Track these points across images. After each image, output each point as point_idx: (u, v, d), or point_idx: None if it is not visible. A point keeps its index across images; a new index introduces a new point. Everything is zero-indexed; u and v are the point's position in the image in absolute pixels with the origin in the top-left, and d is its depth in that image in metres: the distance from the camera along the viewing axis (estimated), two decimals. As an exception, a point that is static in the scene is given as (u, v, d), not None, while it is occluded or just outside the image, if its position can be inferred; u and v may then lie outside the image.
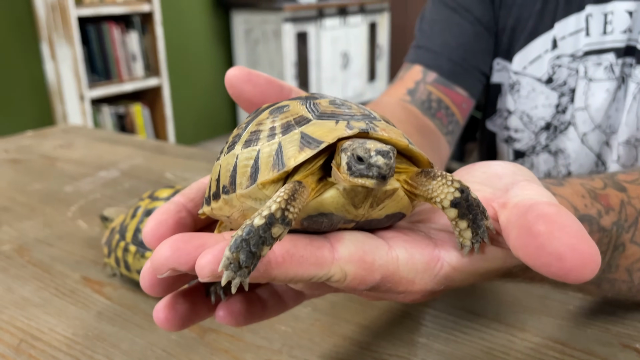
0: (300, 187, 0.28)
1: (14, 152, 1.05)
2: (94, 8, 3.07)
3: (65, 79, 3.12)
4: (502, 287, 0.56)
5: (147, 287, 0.34)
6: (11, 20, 3.05)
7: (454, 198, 0.29)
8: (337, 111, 0.32)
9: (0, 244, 0.68)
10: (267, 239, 0.26)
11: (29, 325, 0.52)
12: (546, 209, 0.27)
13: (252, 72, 0.39)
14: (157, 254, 0.28)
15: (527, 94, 0.79)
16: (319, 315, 0.52)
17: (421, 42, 0.82)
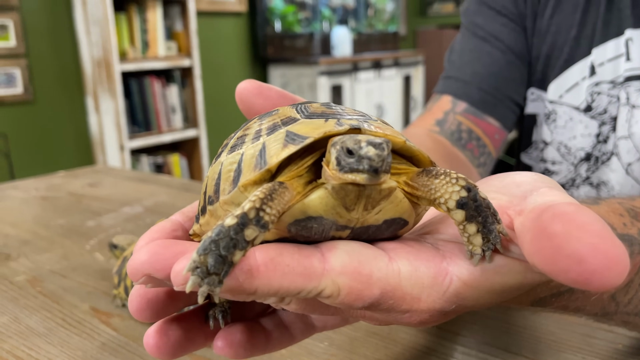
0: (281, 187, 0.25)
1: (43, 190, 1.06)
2: (137, 63, 3.18)
3: (107, 130, 3.21)
4: (539, 323, 0.51)
5: (134, 310, 0.30)
6: (60, 75, 3.19)
7: (459, 198, 0.26)
8: (328, 111, 0.29)
9: (15, 275, 0.66)
10: (239, 242, 0.23)
11: (29, 355, 0.49)
12: (564, 207, 0.23)
13: (263, 85, 0.37)
14: (134, 259, 0.26)
15: (564, 124, 0.74)
16: (336, 351, 0.48)
17: (450, 73, 0.79)
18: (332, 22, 4.57)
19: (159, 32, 3.30)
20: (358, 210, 0.26)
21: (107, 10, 2.96)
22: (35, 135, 3.13)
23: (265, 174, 0.26)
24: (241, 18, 4.01)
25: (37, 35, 3.08)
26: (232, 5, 3.89)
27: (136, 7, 3.19)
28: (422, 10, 5.58)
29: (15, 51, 2.99)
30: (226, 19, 3.92)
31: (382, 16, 5.04)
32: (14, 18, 2.96)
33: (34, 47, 3.07)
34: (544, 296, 0.37)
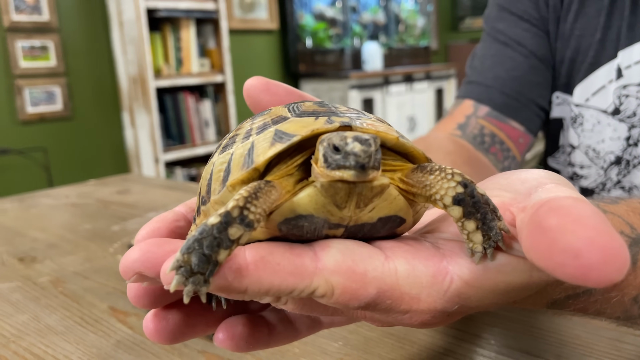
0: (267, 186, 0.25)
1: (73, 197, 1.08)
2: (172, 79, 3.25)
3: (142, 143, 3.28)
4: (565, 327, 0.48)
5: (132, 296, 0.30)
6: (97, 92, 3.28)
7: (455, 194, 0.25)
8: (320, 109, 0.29)
9: (39, 276, 0.67)
10: (223, 240, 0.22)
11: (45, 352, 0.50)
12: (562, 201, 0.22)
13: (270, 82, 0.37)
14: (126, 256, 0.25)
15: (591, 127, 0.72)
16: (350, 351, 0.47)
17: (472, 78, 0.78)
18: (362, 37, 4.59)
19: (193, 50, 3.37)
20: (350, 208, 0.25)
21: (143, 30, 3.04)
22: (73, 150, 3.22)
23: (252, 172, 0.26)
24: (273, 35, 4.07)
25: (76, 55, 3.18)
26: (264, 23, 3.94)
27: (170, 26, 3.26)
28: (453, 25, 5.55)
29: (55, 70, 3.09)
30: (258, 36, 3.98)
31: (413, 31, 5.03)
32: (54, 39, 3.07)
33: (73, 66, 3.17)
34: (560, 298, 0.35)
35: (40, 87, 3.06)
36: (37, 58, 3.04)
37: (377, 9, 4.72)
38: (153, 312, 0.31)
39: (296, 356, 0.46)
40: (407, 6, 4.97)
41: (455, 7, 5.53)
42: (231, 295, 0.25)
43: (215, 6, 3.33)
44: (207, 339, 0.50)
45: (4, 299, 0.61)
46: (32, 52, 3.01)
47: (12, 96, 2.97)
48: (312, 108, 0.29)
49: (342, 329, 0.50)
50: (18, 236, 0.84)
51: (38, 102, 3.07)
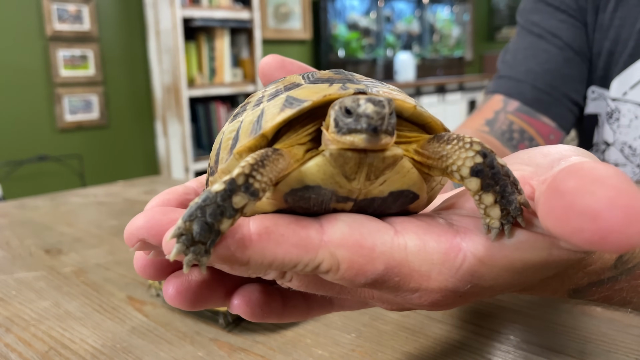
0: (275, 154, 0.23)
1: (102, 196, 1.10)
2: (204, 89, 3.30)
3: (173, 152, 3.33)
4: (590, 324, 0.46)
5: (138, 266, 0.30)
6: (132, 101, 3.36)
7: (474, 164, 0.23)
8: (335, 77, 0.27)
9: (63, 267, 0.68)
10: (226, 209, 0.22)
11: (62, 335, 0.50)
12: (582, 164, 0.20)
13: (285, 60, 0.36)
14: (130, 223, 0.25)
15: (628, 123, 0.69)
16: (363, 342, 0.46)
17: (503, 72, 0.76)
18: (395, 48, 4.58)
19: (226, 60, 3.42)
20: (359, 180, 0.24)
21: (179, 39, 3.10)
22: (107, 157, 3.29)
23: (260, 139, 0.25)
24: (305, 45, 4.09)
25: (113, 64, 3.26)
26: (297, 33, 3.98)
27: (205, 36, 3.32)
28: (490, 35, 5.49)
29: (93, 79, 3.18)
30: (291, 46, 4.01)
31: (448, 41, 5.00)
32: (94, 48, 3.15)
33: (110, 75, 3.26)
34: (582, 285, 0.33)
35: (78, 95, 3.15)
36: (76, 67, 3.12)
37: (412, 19, 4.71)
38: (174, 275, 0.30)
39: (308, 347, 0.46)
40: (442, 16, 4.95)
41: (492, 16, 5.48)
42: (233, 269, 0.25)
43: (250, 16, 3.38)
44: (219, 327, 0.50)
45: (29, 286, 0.62)
46: (73, 61, 3.10)
47: (51, 104, 3.06)
48: (327, 75, 0.28)
49: (356, 322, 0.49)
50: (46, 230, 0.86)
51: (76, 110, 3.16)
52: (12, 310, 0.56)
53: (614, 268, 0.34)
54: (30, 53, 2.97)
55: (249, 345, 0.46)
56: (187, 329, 0.50)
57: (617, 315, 0.47)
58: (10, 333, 0.51)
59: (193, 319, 0.52)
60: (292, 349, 0.45)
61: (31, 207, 1.05)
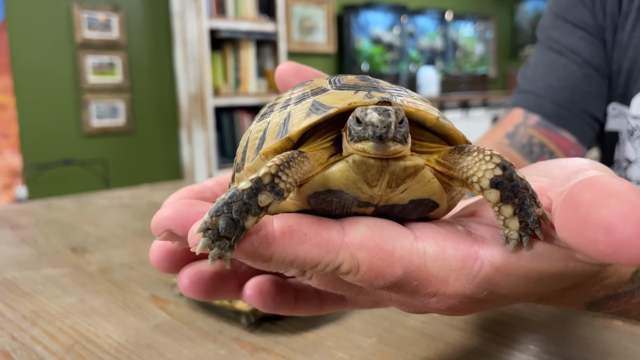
0: (300, 156, 0.24)
1: (126, 199, 1.12)
2: (229, 99, 3.34)
3: (197, 160, 3.36)
4: (611, 337, 0.46)
5: (153, 259, 0.31)
6: (158, 108, 3.41)
7: (493, 176, 0.24)
8: (361, 83, 0.28)
9: (88, 265, 0.70)
10: (252, 206, 0.23)
11: (87, 329, 0.51)
12: (598, 178, 0.21)
13: (300, 66, 0.38)
14: (157, 214, 0.26)
15: None
16: (383, 347, 0.46)
17: (523, 87, 0.77)
18: (419, 63, 4.58)
19: (251, 70, 3.46)
20: (381, 187, 0.25)
21: (205, 49, 3.15)
22: (132, 163, 3.34)
23: (285, 142, 0.26)
24: (330, 58, 4.12)
25: (140, 71, 3.32)
26: (322, 46, 4.01)
27: (231, 46, 3.37)
28: (513, 53, 5.48)
29: (120, 86, 3.24)
30: (315, 59, 4.04)
31: (471, 58, 5.00)
32: (122, 56, 3.22)
33: (137, 83, 3.32)
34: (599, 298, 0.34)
35: (105, 101, 3.21)
36: (104, 73, 3.19)
37: (435, 35, 4.72)
38: (188, 267, 0.31)
39: (329, 349, 0.46)
40: (465, 33, 4.95)
41: (515, 35, 5.46)
42: (256, 264, 0.25)
43: (275, 28, 3.42)
44: (241, 327, 0.50)
45: (54, 282, 0.64)
46: (101, 67, 3.17)
47: (79, 109, 3.13)
48: (353, 81, 0.28)
49: (376, 327, 0.50)
50: (73, 230, 0.88)
51: (103, 116, 3.22)
52: (39, 305, 0.57)
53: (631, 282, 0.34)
54: (59, 59, 3.04)
55: (270, 346, 0.47)
56: (209, 327, 0.51)
57: (638, 330, 0.47)
58: (36, 326, 0.52)
59: (215, 319, 0.53)
60: (313, 351, 0.46)
61: (57, 207, 1.07)
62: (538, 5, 5.34)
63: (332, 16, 4.03)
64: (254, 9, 3.39)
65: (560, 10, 0.75)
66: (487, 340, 0.47)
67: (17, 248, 0.78)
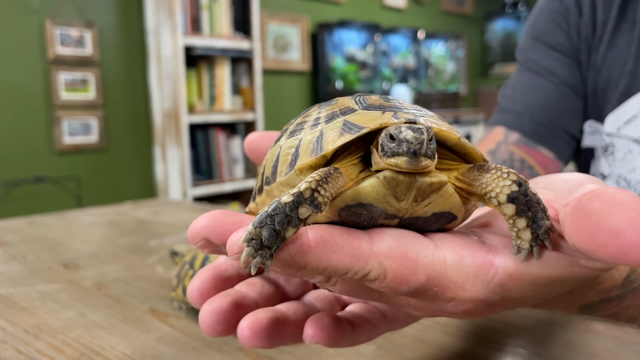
0: (336, 172, 0.27)
1: (111, 216, 1.12)
2: (204, 116, 3.34)
3: (172, 178, 3.35)
4: (595, 340, 0.49)
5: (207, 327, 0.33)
6: (132, 125, 3.39)
7: (510, 192, 0.26)
8: (386, 104, 0.31)
9: (82, 280, 0.71)
10: (293, 218, 0.24)
11: (92, 342, 0.52)
12: (605, 189, 0.24)
13: (265, 132, 0.41)
14: (194, 223, 0.27)
15: (623, 157, 0.74)
16: (383, 353, 0.48)
17: (503, 106, 0.81)
18: (392, 81, 4.67)
19: (226, 88, 3.47)
20: (408, 201, 0.27)
21: (180, 66, 3.15)
22: (105, 181, 3.31)
23: (320, 159, 0.28)
24: (304, 76, 4.17)
25: (114, 88, 3.30)
26: (296, 64, 4.05)
27: (206, 63, 3.38)
28: (483, 71, 5.62)
29: (93, 103, 3.21)
30: (290, 76, 4.08)
31: (443, 76, 5.11)
32: (95, 73, 3.20)
33: (111, 99, 3.29)
34: (594, 301, 0.37)
35: (78, 118, 3.18)
36: (77, 90, 3.16)
37: (408, 54, 4.81)
38: (246, 319, 0.32)
39: (331, 356, 0.48)
40: (437, 51, 5.06)
41: (485, 53, 5.61)
42: (289, 271, 0.27)
43: (250, 46, 3.45)
44: (245, 338, 0.52)
45: (51, 297, 0.64)
46: (73, 84, 3.14)
47: (51, 126, 3.09)
48: (378, 102, 0.31)
49: (375, 335, 0.52)
50: (61, 246, 0.88)
51: (75, 132, 3.18)
52: (39, 319, 0.58)
53: (622, 287, 0.37)
54: (31, 75, 3.00)
55: (274, 354, 0.48)
56: (213, 339, 0.52)
57: (619, 333, 0.50)
58: (40, 340, 0.53)
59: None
60: (317, 358, 0.48)
61: (42, 224, 1.07)
62: (507, 24, 5.50)
63: (307, 34, 4.09)
64: (229, 27, 3.42)
65: (538, 33, 0.80)
66: (480, 345, 0.50)
67: (7, 265, 0.78)
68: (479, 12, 5.62)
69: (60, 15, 3.06)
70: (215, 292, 0.35)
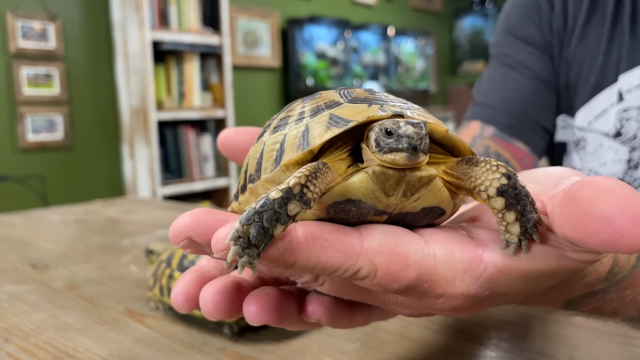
0: (325, 167, 0.26)
1: (81, 214, 1.09)
2: (173, 113, 3.29)
3: (140, 176, 3.29)
4: (576, 332, 0.50)
5: (211, 308, 0.31)
6: (98, 122, 3.32)
7: (500, 185, 0.26)
8: (371, 97, 0.30)
9: (52, 281, 0.68)
10: (281, 215, 0.24)
11: (65, 345, 0.50)
12: (593, 179, 0.24)
13: (239, 128, 0.40)
14: (176, 222, 0.26)
15: (594, 151, 0.75)
16: (368, 350, 0.48)
17: (478, 100, 0.81)
18: (363, 78, 4.68)
19: (195, 84, 3.43)
20: (397, 196, 0.26)
21: (147, 62, 3.09)
22: (71, 179, 3.23)
23: (307, 154, 0.27)
24: (275, 73, 4.14)
25: (79, 84, 3.22)
26: (266, 60, 4.03)
27: (175, 59, 3.32)
28: (452, 68, 5.68)
29: (58, 99, 3.13)
30: (260, 73, 4.05)
31: (412, 74, 5.14)
32: (59, 67, 3.12)
33: (76, 95, 3.22)
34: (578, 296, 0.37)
35: (42, 114, 3.09)
36: (40, 85, 3.08)
37: (378, 51, 4.83)
38: (252, 294, 0.31)
39: (316, 355, 0.47)
40: (407, 48, 5.09)
41: (454, 51, 5.67)
42: (277, 270, 0.26)
43: (220, 41, 3.41)
44: (224, 337, 0.51)
45: (20, 299, 0.62)
46: (37, 79, 3.05)
47: (13, 123, 3.00)
48: (363, 95, 0.30)
49: (358, 332, 0.51)
50: (28, 246, 0.85)
51: (39, 130, 3.10)
52: (8, 322, 0.56)
53: (605, 280, 0.37)
54: (-8, 70, 2.91)
55: (257, 354, 0.47)
56: (192, 339, 0.51)
57: (599, 324, 0.51)
58: (10, 343, 0.51)
59: (197, 330, 0.53)
60: (301, 357, 0.47)
61: (6, 223, 1.03)
62: (475, 22, 5.57)
63: (277, 30, 4.06)
64: (197, 21, 3.37)
65: (511, 27, 0.80)
66: (463, 340, 0.49)
67: (-28, 266, 0.75)
68: (448, 9, 5.68)
69: (21, 7, 2.97)
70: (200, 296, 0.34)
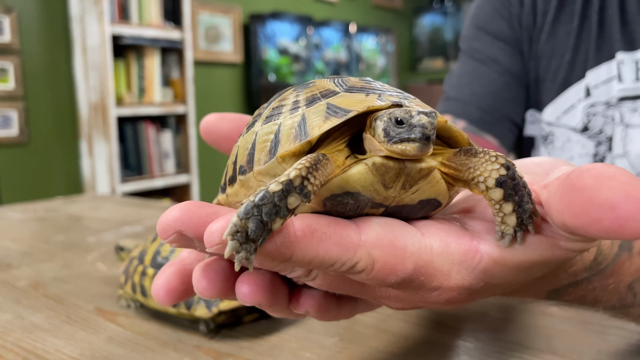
0: (324, 159, 0.25)
1: (41, 212, 1.05)
2: (133, 108, 3.21)
3: (99, 173, 3.21)
4: (552, 323, 0.51)
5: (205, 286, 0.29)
6: (56, 118, 3.21)
7: (499, 176, 0.25)
8: (367, 86, 0.29)
9: (16, 280, 0.66)
10: (281, 209, 0.23)
11: (34, 345, 0.48)
12: (593, 165, 0.23)
13: (223, 114, 0.38)
14: (165, 215, 0.25)
15: (562, 145, 0.76)
16: (347, 345, 0.48)
17: (449, 94, 0.82)
18: (325, 74, 4.68)
19: (156, 79, 3.36)
20: (395, 189, 0.26)
21: (107, 56, 3.01)
22: (27, 177, 3.12)
23: (305, 145, 0.26)
24: (236, 68, 4.10)
25: (35, 78, 3.12)
26: (228, 55, 3.98)
27: (135, 54, 3.25)
28: (412, 66, 5.74)
29: (13, 94, 3.02)
30: (222, 68, 4.00)
31: (374, 71, 5.17)
32: (14, 61, 3.01)
33: (32, 90, 3.11)
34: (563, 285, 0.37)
35: (-5, 110, 2.98)
36: (-6, 80, 2.96)
37: (340, 47, 4.84)
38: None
39: (295, 350, 0.47)
40: (368, 45, 5.12)
41: (414, 48, 5.73)
42: (272, 264, 0.25)
43: (181, 36, 3.35)
44: (200, 335, 0.50)
45: (-18, 300, 0.59)
46: (-10, 74, 2.94)
47: (-35, 118, 2.88)
48: (359, 84, 0.29)
49: (336, 326, 0.51)
50: (-12, 245, 0.82)
51: (-8, 125, 2.98)
52: (-29, 324, 0.53)
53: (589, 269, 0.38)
54: (-58, 64, 2.79)
55: (235, 351, 0.47)
56: (167, 337, 0.50)
57: (574, 314, 0.52)
58: (-26, 346, 0.48)
59: (171, 328, 0.51)
60: (280, 353, 0.46)
61: (-38, 222, 0.99)
62: (435, 20, 5.64)
63: (239, 25, 4.02)
64: (158, 15, 3.30)
65: (481, 22, 0.81)
66: (441, 332, 0.50)
67: None
68: (408, 7, 5.73)
69: (-27, -1, 2.85)
70: (182, 289, 0.33)
